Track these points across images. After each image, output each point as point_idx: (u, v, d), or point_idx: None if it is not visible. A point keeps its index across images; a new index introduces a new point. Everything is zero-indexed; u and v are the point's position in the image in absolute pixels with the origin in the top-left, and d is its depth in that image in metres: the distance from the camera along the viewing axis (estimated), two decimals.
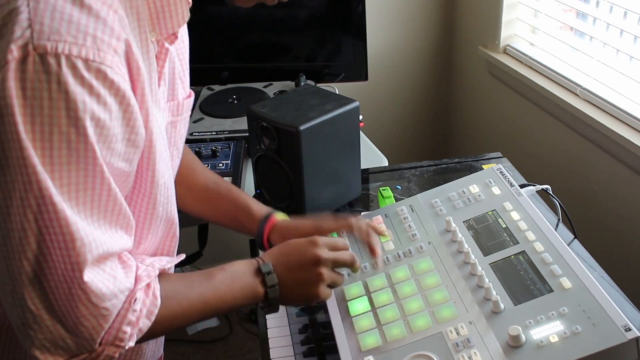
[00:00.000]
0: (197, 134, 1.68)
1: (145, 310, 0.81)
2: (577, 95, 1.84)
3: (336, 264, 0.99)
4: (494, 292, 0.96)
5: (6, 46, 0.67)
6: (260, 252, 1.25)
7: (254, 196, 1.41)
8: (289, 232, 1.13)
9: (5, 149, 0.69)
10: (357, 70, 1.93)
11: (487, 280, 0.99)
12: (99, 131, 0.71)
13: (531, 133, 2.12)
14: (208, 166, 1.55)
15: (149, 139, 0.81)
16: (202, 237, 1.86)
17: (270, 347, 1.08)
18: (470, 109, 2.50)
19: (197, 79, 1.10)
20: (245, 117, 1.38)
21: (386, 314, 1.00)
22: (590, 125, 1.77)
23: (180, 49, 0.97)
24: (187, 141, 1.43)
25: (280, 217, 1.16)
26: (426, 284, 1.03)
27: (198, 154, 1.58)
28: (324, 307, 1.09)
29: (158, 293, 0.84)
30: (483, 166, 1.49)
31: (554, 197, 1.30)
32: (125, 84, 0.73)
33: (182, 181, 1.07)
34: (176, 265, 1.00)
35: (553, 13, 1.98)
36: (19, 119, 0.67)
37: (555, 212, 1.31)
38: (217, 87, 1.93)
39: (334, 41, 1.97)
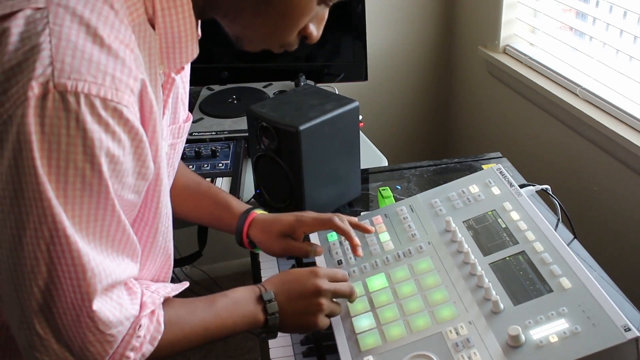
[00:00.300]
0: (197, 134, 1.68)
1: (149, 336, 0.84)
2: (577, 95, 1.84)
3: (335, 295, 1.01)
4: (494, 292, 0.96)
5: (27, 82, 0.69)
6: (261, 254, 1.26)
7: (254, 196, 1.41)
8: (268, 225, 1.15)
9: (21, 181, 0.70)
10: (357, 70, 1.93)
11: (486, 280, 0.99)
12: (112, 167, 0.73)
13: (531, 133, 2.12)
14: (208, 166, 1.56)
15: (157, 172, 0.83)
16: (201, 237, 1.86)
17: (269, 347, 1.08)
18: (470, 108, 2.50)
19: (197, 79, 1.11)
20: (245, 117, 1.38)
21: (386, 314, 1.01)
22: (589, 125, 1.77)
23: (184, 74, 0.99)
24: (187, 141, 1.44)
25: (260, 212, 1.18)
26: (426, 284, 1.03)
27: (198, 154, 1.59)
28: None
29: (162, 319, 0.86)
30: (483, 166, 1.49)
31: (553, 197, 1.30)
32: (137, 122, 0.75)
33: None
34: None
35: (553, 13, 1.98)
36: (37, 154, 0.69)
37: (555, 212, 1.31)
38: (217, 87, 1.93)
39: (333, 41, 1.97)
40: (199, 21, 0.88)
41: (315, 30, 0.91)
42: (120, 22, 0.75)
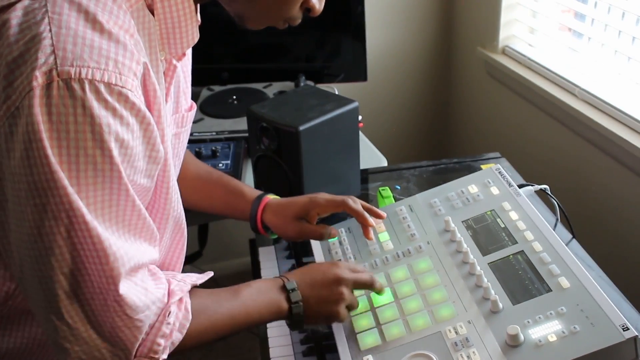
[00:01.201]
0: (197, 134, 1.68)
1: (178, 323, 0.84)
2: (575, 95, 1.84)
3: (356, 285, 1.01)
4: (493, 292, 0.97)
5: (31, 73, 0.69)
6: (261, 252, 1.26)
7: None
8: (283, 208, 1.16)
9: (33, 172, 0.71)
10: (357, 71, 1.94)
11: (485, 279, 0.99)
12: (123, 151, 0.74)
13: (530, 133, 2.12)
14: None
15: (165, 157, 0.83)
16: (202, 237, 1.87)
17: (269, 346, 1.08)
18: (469, 109, 2.51)
19: (197, 80, 1.11)
20: (245, 118, 1.38)
21: (385, 314, 1.01)
22: (588, 126, 1.77)
23: (185, 63, 0.99)
24: (188, 141, 1.43)
25: (272, 197, 1.19)
26: (425, 284, 1.04)
27: (198, 154, 1.59)
28: None
29: (190, 307, 0.86)
30: (482, 166, 1.49)
31: (552, 197, 1.30)
32: (143, 105, 0.76)
33: None
34: None
35: (551, 14, 1.99)
36: (47, 142, 0.69)
37: (554, 212, 1.32)
38: (217, 88, 1.94)
39: (333, 42, 1.97)
40: (198, 6, 0.88)
41: (318, 3, 0.90)
42: (118, 8, 0.76)
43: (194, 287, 0.91)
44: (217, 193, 1.21)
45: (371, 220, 1.12)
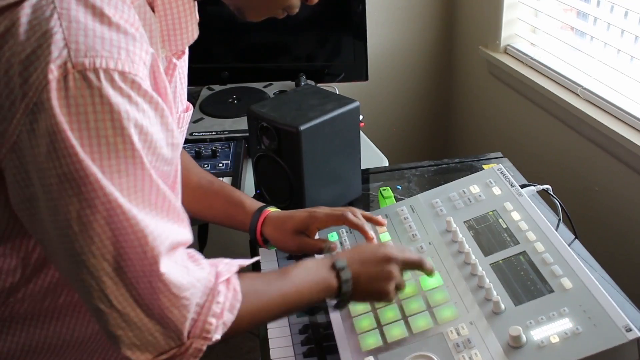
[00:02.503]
0: (197, 134, 1.68)
1: (227, 303, 0.84)
2: (578, 95, 1.84)
3: (406, 264, 1.01)
4: (495, 293, 0.96)
5: (45, 67, 0.70)
6: (261, 253, 1.26)
7: (254, 196, 1.41)
8: (282, 222, 1.16)
9: (62, 164, 0.71)
10: (358, 70, 1.93)
11: (487, 280, 0.99)
12: (143, 137, 0.75)
13: (532, 133, 2.12)
14: (208, 166, 1.56)
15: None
16: (202, 236, 1.86)
17: (270, 347, 1.08)
18: (471, 108, 2.50)
19: (197, 79, 1.11)
20: (245, 117, 1.38)
21: (386, 314, 1.01)
22: (590, 126, 1.77)
23: (182, 65, 1.00)
24: (187, 141, 1.42)
25: (273, 209, 1.19)
26: (426, 285, 1.03)
27: (198, 154, 1.59)
28: (324, 308, 1.09)
29: (239, 288, 0.87)
30: (483, 166, 1.49)
31: (554, 197, 1.30)
32: (155, 93, 0.77)
33: None
34: None
35: (554, 13, 1.98)
36: (70, 134, 0.70)
37: (556, 213, 1.31)
38: (217, 87, 1.93)
39: (334, 41, 1.97)
40: (197, 3, 0.89)
41: None
42: (122, 3, 0.77)
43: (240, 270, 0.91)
44: (217, 204, 1.21)
45: (372, 233, 1.12)
